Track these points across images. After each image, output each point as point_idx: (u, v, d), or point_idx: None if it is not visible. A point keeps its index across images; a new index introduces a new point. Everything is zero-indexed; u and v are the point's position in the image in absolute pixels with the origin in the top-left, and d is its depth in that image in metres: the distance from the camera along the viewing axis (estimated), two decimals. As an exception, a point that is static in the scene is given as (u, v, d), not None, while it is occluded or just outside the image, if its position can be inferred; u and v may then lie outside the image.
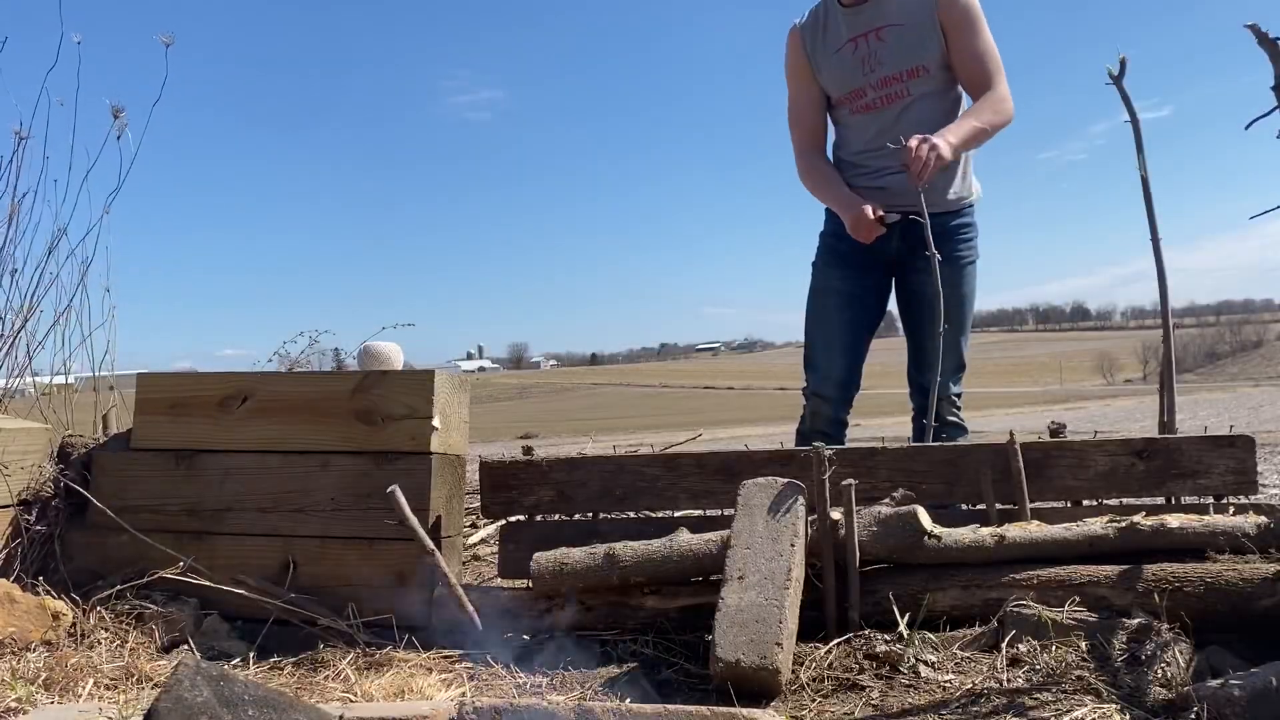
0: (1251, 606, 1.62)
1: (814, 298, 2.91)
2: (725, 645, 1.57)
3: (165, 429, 2.30)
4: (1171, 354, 2.33)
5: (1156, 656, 1.48)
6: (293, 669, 1.83)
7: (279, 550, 2.18)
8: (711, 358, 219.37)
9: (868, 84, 2.79)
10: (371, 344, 2.44)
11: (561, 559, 1.95)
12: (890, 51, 2.77)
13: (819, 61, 2.86)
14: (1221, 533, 1.75)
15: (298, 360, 2.99)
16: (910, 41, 2.76)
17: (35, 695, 1.60)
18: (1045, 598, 1.71)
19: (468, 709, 1.33)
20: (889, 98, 2.78)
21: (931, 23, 2.74)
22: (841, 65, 2.83)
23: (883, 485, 2.03)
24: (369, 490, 2.13)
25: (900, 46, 2.76)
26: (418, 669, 1.77)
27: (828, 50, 2.85)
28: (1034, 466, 2.04)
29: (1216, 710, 1.28)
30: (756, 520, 1.80)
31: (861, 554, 1.82)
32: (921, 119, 2.73)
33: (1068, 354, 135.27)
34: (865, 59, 2.80)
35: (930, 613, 1.77)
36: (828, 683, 1.58)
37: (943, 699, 1.46)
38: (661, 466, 2.19)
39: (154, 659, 1.86)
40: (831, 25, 2.85)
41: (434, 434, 2.14)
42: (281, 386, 2.30)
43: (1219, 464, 2.02)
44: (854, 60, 2.80)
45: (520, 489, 2.22)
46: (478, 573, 2.88)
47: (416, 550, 2.02)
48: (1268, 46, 1.40)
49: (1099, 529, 1.80)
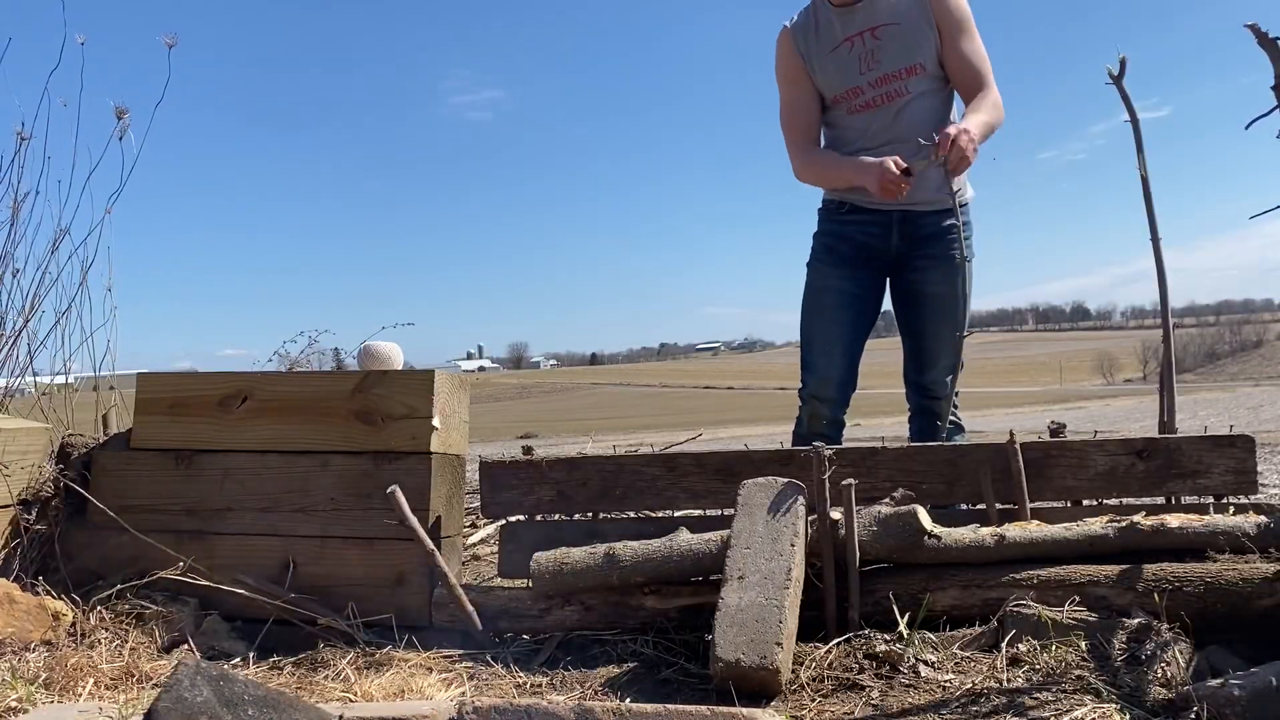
0: (1251, 606, 1.62)
1: (810, 297, 2.89)
2: (725, 645, 1.57)
3: (165, 429, 2.30)
4: (1171, 354, 2.33)
5: (1156, 656, 1.48)
6: (293, 669, 1.83)
7: (279, 550, 2.18)
8: (711, 358, 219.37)
9: (866, 82, 2.78)
10: (371, 344, 2.44)
11: (561, 559, 1.95)
12: (887, 50, 2.76)
13: (814, 61, 2.85)
14: (1222, 532, 1.75)
15: (298, 360, 3.00)
16: (907, 40, 2.76)
17: (35, 695, 1.60)
18: (1045, 597, 1.71)
19: (468, 709, 1.33)
20: (888, 96, 2.77)
21: (927, 22, 2.75)
22: (838, 64, 2.82)
23: (883, 485, 2.03)
24: (369, 490, 2.13)
25: (897, 45, 2.76)
26: (418, 669, 1.77)
27: (823, 49, 2.84)
28: (1034, 466, 2.04)
29: (1216, 710, 1.28)
30: (756, 520, 1.80)
31: (861, 553, 1.82)
32: (919, 117, 2.73)
33: (1068, 354, 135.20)
34: (863, 57, 2.79)
35: (930, 612, 1.77)
36: (828, 682, 1.58)
37: (943, 699, 1.46)
38: (661, 466, 2.19)
39: (154, 659, 1.86)
40: (824, 25, 2.84)
41: (434, 434, 2.14)
42: (281, 386, 2.30)
43: (1219, 464, 2.02)
44: (851, 58, 2.80)
45: (520, 489, 2.22)
46: (478, 573, 2.88)
47: (416, 550, 2.02)
48: (1268, 46, 1.40)
49: (1099, 529, 1.80)
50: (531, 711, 1.31)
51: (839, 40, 2.81)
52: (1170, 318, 2.42)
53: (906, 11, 2.76)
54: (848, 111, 2.83)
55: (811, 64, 2.86)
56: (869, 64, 2.78)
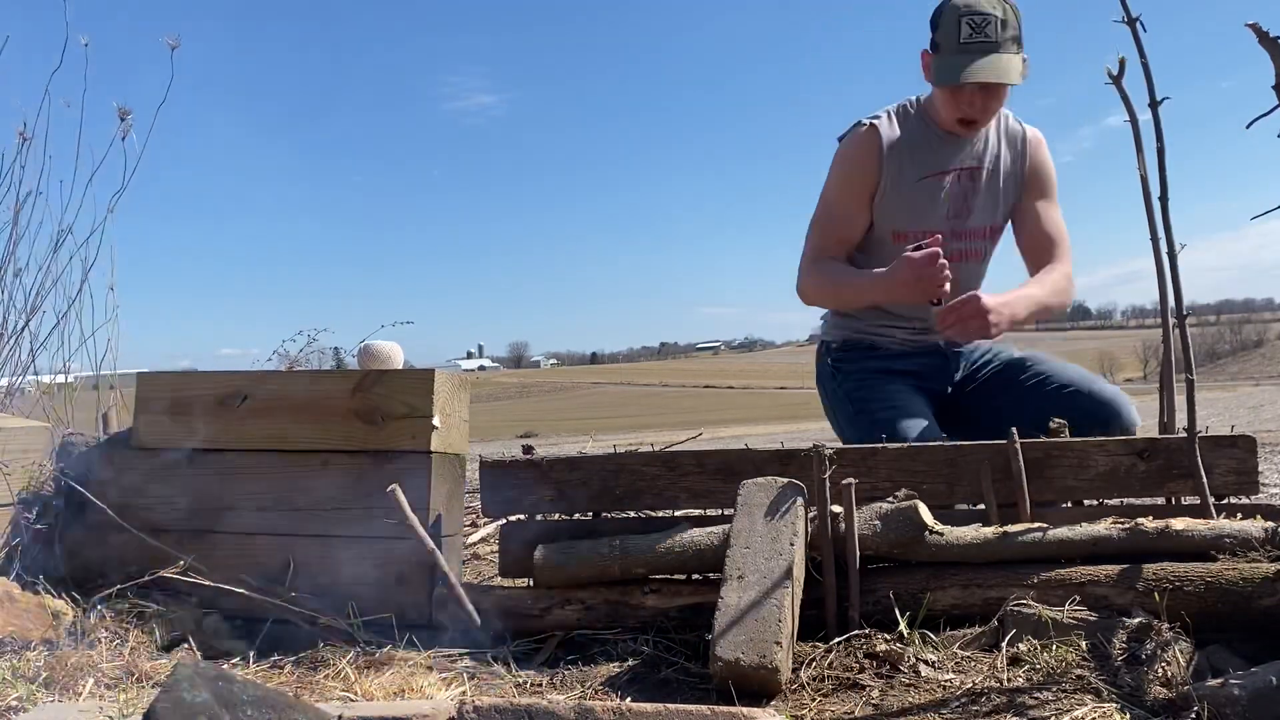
0: (1252, 605, 1.62)
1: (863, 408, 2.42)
2: (725, 644, 1.57)
3: (165, 428, 2.30)
4: (1171, 354, 2.33)
5: (1157, 656, 1.48)
6: (292, 668, 1.83)
7: (279, 550, 2.17)
8: (711, 357, 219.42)
9: (950, 229, 2.41)
10: (371, 343, 2.44)
11: (565, 550, 1.96)
12: (984, 199, 2.43)
13: (899, 186, 2.43)
14: (1228, 536, 1.75)
15: (297, 359, 3.00)
16: (1003, 193, 2.43)
17: (35, 694, 1.60)
18: (1045, 597, 1.71)
19: (468, 708, 1.33)
20: (965, 253, 2.44)
21: (1019, 176, 2.45)
22: (926, 197, 2.43)
23: (883, 485, 2.03)
24: (369, 489, 2.13)
25: (992, 197, 2.43)
26: (418, 668, 1.77)
27: (913, 174, 2.42)
28: (1034, 466, 2.03)
29: (1216, 709, 1.28)
30: (756, 519, 1.80)
31: (862, 549, 1.82)
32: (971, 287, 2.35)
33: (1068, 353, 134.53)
34: (955, 198, 2.43)
35: (930, 612, 1.77)
36: (828, 682, 1.58)
37: (943, 698, 1.46)
38: (661, 466, 2.18)
39: (154, 658, 1.86)
40: (923, 145, 2.43)
41: (434, 433, 2.14)
42: (281, 385, 2.29)
43: (1220, 464, 2.02)
44: (942, 196, 2.43)
45: (520, 488, 2.22)
46: (478, 572, 2.89)
47: (416, 549, 2.02)
48: (1268, 45, 1.40)
49: (1103, 530, 1.80)
50: (532, 711, 1.31)
51: (935, 170, 2.43)
52: (1170, 318, 2.41)
53: (1005, 159, 2.44)
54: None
55: (892, 187, 2.44)
56: (960, 209, 2.44)
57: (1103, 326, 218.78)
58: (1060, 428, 2.12)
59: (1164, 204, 1.85)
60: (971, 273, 2.48)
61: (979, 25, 2.28)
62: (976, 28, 2.28)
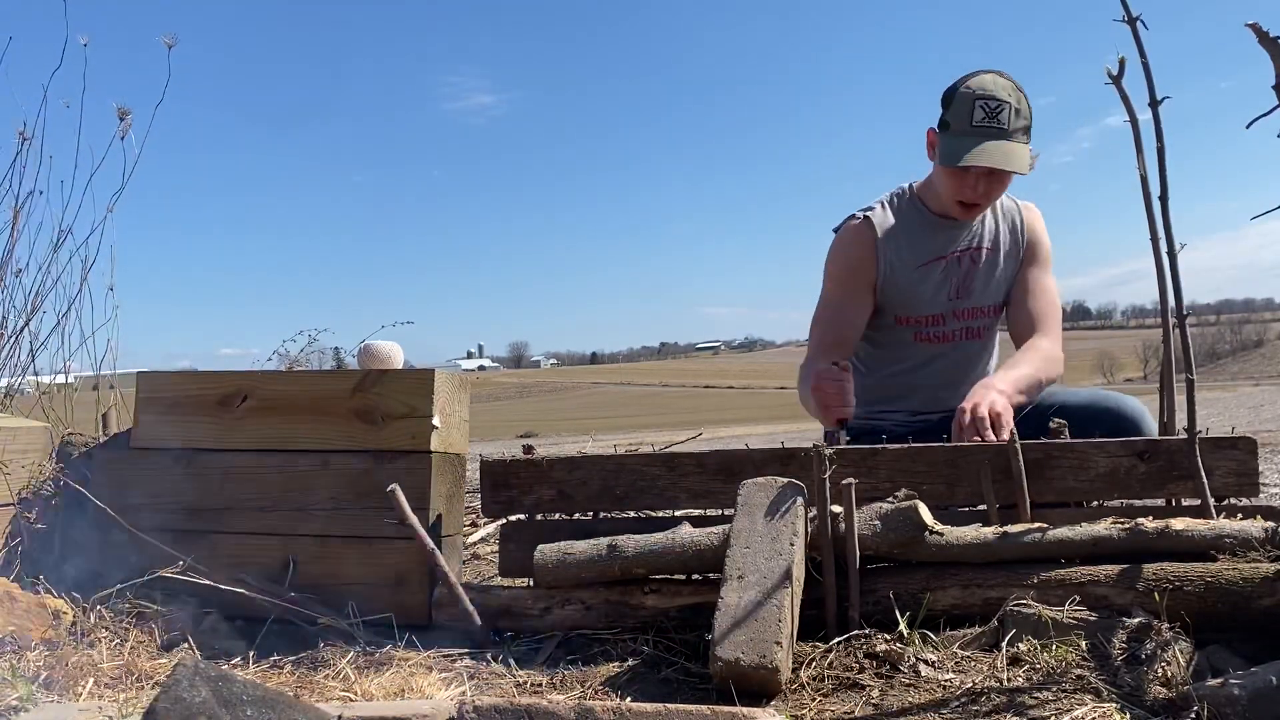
0: (1252, 605, 1.62)
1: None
2: (725, 644, 1.57)
3: (165, 428, 2.30)
4: (1171, 354, 2.33)
5: (1156, 655, 1.48)
6: (292, 668, 1.83)
7: (279, 549, 2.17)
8: (712, 357, 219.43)
9: (951, 311, 2.42)
10: (371, 343, 2.44)
11: (565, 550, 1.96)
12: (983, 279, 2.43)
13: (896, 275, 2.41)
14: (1228, 536, 1.74)
15: (297, 359, 3.00)
16: (1002, 273, 2.42)
17: (36, 694, 1.60)
18: (1045, 597, 1.71)
19: (468, 708, 1.33)
20: (969, 332, 2.44)
21: (1017, 255, 2.44)
22: (927, 283, 2.41)
23: (883, 485, 2.03)
24: (369, 489, 2.13)
25: (991, 277, 2.42)
26: (418, 668, 1.77)
27: (912, 262, 2.41)
28: (1034, 467, 2.03)
29: (1216, 709, 1.28)
30: (756, 520, 1.80)
31: (862, 549, 1.82)
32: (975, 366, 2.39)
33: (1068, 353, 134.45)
34: (955, 281, 2.42)
35: (930, 612, 1.77)
36: (828, 682, 1.58)
37: (943, 698, 1.46)
38: (662, 466, 2.18)
39: (154, 658, 1.86)
40: (918, 232, 2.42)
41: (434, 433, 2.14)
42: (281, 385, 2.29)
43: (1221, 466, 2.02)
44: (943, 280, 2.42)
45: (520, 488, 2.22)
46: (478, 572, 2.89)
47: (416, 549, 2.02)
48: (1268, 45, 1.39)
49: (1103, 530, 1.80)
50: (532, 711, 1.31)
51: (933, 256, 2.42)
52: (1170, 317, 2.41)
53: (1004, 239, 2.44)
54: (915, 338, 2.47)
55: (890, 276, 2.42)
56: (961, 291, 2.42)
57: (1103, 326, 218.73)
58: (1060, 428, 2.12)
59: (1164, 204, 1.85)
60: (975, 351, 2.48)
61: (993, 110, 2.25)
62: (990, 112, 2.25)
